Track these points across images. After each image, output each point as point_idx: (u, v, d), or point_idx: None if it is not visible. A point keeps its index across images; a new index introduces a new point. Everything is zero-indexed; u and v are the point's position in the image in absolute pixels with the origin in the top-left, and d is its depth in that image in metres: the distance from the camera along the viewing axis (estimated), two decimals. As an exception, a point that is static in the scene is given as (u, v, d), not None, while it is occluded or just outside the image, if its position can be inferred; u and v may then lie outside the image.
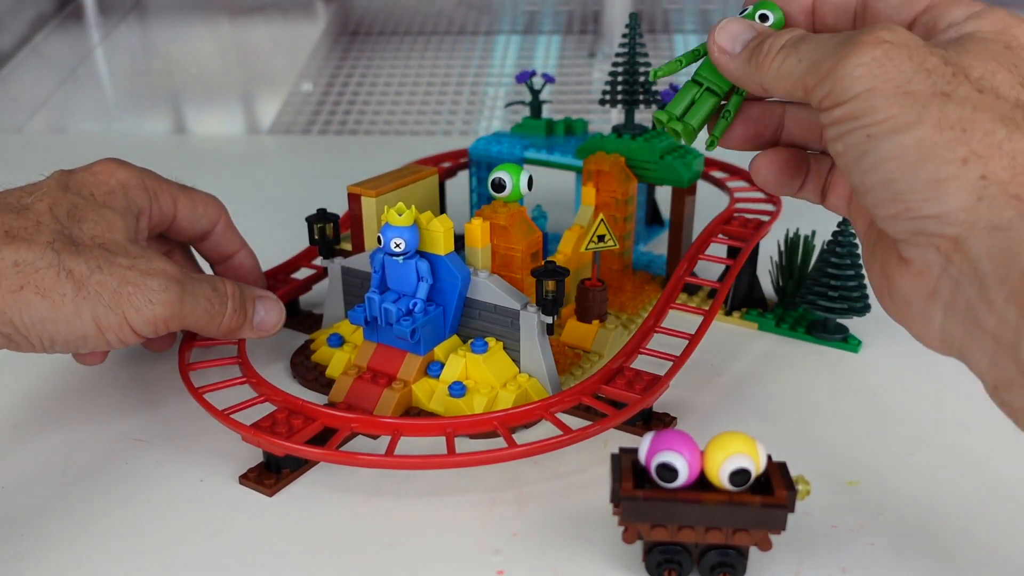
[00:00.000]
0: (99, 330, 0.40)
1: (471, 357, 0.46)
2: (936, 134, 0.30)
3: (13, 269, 0.38)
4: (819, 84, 0.32)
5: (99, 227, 0.42)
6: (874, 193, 0.32)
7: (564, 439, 0.40)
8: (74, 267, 0.39)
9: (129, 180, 0.45)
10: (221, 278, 0.46)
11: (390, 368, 0.47)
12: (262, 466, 0.42)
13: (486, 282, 0.46)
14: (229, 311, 0.45)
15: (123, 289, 0.40)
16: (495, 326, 0.47)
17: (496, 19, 1.29)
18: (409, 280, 0.46)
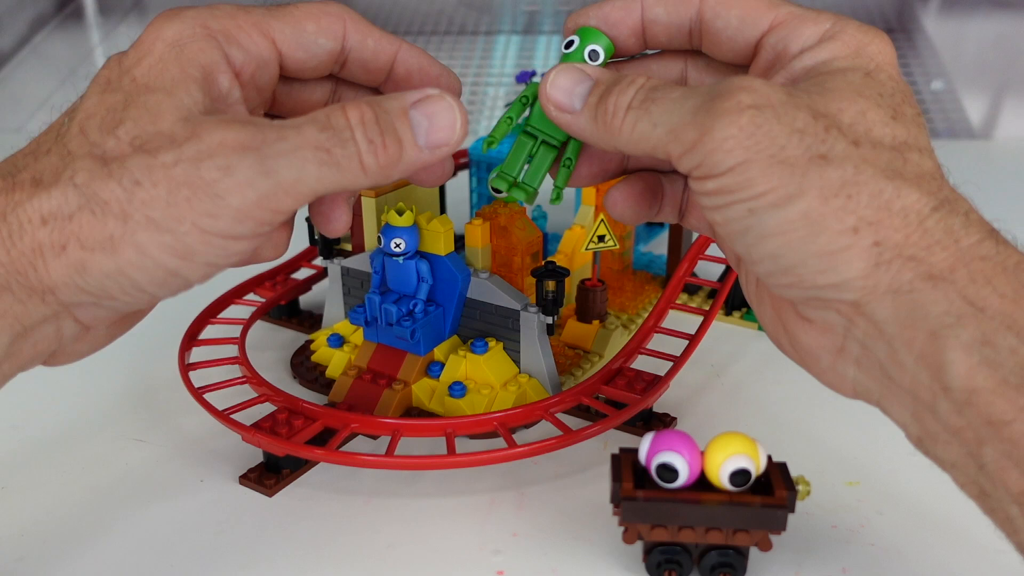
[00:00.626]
0: (182, 257, 0.29)
1: (471, 357, 0.46)
2: (821, 204, 0.28)
3: (44, 229, 0.28)
4: (685, 156, 0.29)
5: (139, 123, 0.29)
6: (763, 265, 0.30)
7: (564, 439, 0.40)
8: (107, 196, 0.28)
9: (182, 34, 0.31)
10: (340, 105, 0.30)
11: (390, 368, 0.47)
12: (262, 466, 0.42)
13: (486, 282, 0.46)
14: (363, 145, 0.30)
15: (176, 198, 0.28)
16: (495, 326, 0.47)
17: (496, 19, 1.29)
18: (409, 280, 0.46)
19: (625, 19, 0.34)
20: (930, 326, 0.28)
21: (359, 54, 0.35)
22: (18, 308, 0.29)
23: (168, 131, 0.29)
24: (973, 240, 0.29)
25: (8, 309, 0.29)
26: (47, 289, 0.29)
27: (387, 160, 0.30)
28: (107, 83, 0.31)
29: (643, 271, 0.62)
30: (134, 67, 0.31)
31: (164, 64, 0.31)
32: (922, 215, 0.29)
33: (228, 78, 0.32)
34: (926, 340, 0.28)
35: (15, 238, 0.29)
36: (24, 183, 0.29)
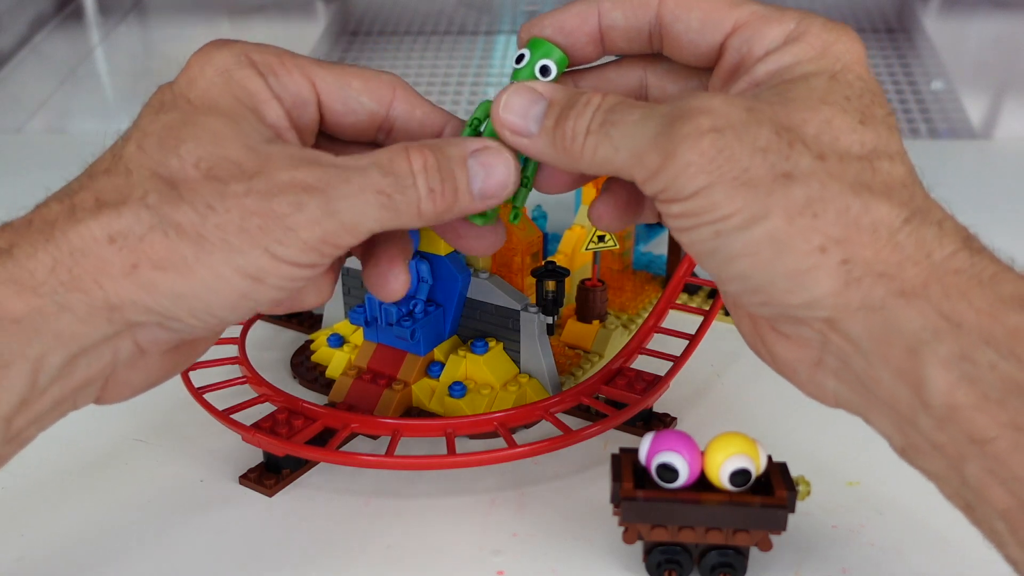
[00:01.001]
0: (254, 281, 0.29)
1: (471, 357, 0.46)
2: (787, 224, 0.28)
3: (111, 248, 0.28)
4: (649, 181, 0.29)
5: (203, 146, 0.29)
6: (733, 284, 0.30)
7: (564, 439, 0.40)
8: (180, 219, 0.28)
9: (228, 61, 0.32)
10: (405, 148, 0.31)
11: (390, 368, 0.47)
12: (262, 466, 0.42)
13: (486, 282, 0.46)
14: (423, 192, 0.30)
15: (249, 225, 0.29)
16: (495, 326, 0.47)
17: (496, 19, 1.29)
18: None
19: (582, 26, 0.33)
20: (907, 342, 0.28)
21: (405, 124, 0.35)
22: (77, 327, 0.29)
23: (235, 159, 0.29)
24: (947, 252, 0.28)
25: (67, 328, 0.28)
26: (113, 307, 0.29)
27: (444, 207, 0.31)
28: (160, 105, 0.32)
29: (643, 271, 0.62)
30: (187, 91, 0.32)
31: (216, 90, 0.31)
32: (892, 228, 0.28)
33: (276, 108, 0.32)
34: (903, 356, 0.28)
35: (77, 257, 0.28)
36: (85, 203, 0.29)
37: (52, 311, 0.28)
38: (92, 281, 0.28)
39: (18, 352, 0.28)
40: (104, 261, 0.28)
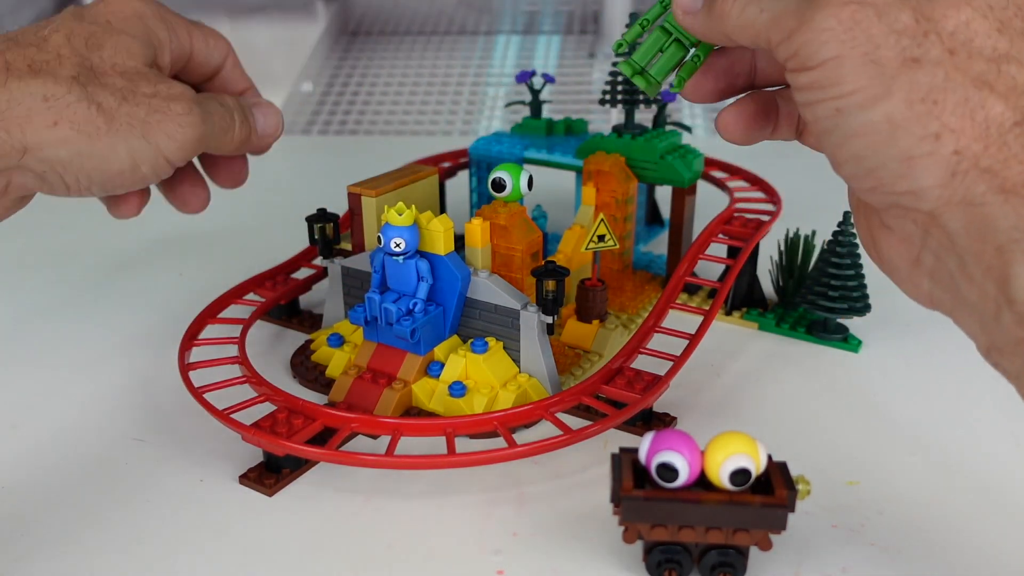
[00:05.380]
0: (134, 163, 0.38)
1: (471, 357, 0.46)
2: (907, 108, 0.29)
3: (44, 104, 0.36)
4: (783, 43, 0.31)
5: (119, 54, 0.39)
6: (847, 166, 0.31)
7: (564, 439, 0.40)
8: (102, 100, 0.37)
9: (145, 9, 0.42)
10: (218, 93, 0.44)
11: (390, 368, 0.47)
12: (262, 466, 0.42)
13: (486, 282, 0.46)
14: (238, 123, 0.43)
15: (151, 118, 0.38)
16: (495, 326, 0.47)
17: (496, 19, 1.29)
18: (409, 280, 0.46)
19: None
20: (998, 240, 0.29)
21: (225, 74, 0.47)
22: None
23: (142, 71, 0.39)
24: None
25: None
26: (25, 150, 0.36)
27: (244, 135, 0.43)
28: (80, 16, 0.40)
29: (643, 271, 0.62)
30: (107, 15, 0.41)
31: (132, 23, 0.41)
32: (1003, 128, 0.29)
33: (167, 55, 0.43)
34: (994, 255, 0.29)
35: (13, 104, 0.36)
36: (18, 64, 0.37)
37: None
38: (16, 126, 0.36)
39: None
40: (33, 112, 0.36)
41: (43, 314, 0.60)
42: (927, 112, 0.29)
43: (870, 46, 0.30)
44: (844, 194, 0.36)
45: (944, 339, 0.53)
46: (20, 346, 0.56)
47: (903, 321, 0.55)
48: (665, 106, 0.60)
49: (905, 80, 0.29)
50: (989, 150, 0.29)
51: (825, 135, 0.31)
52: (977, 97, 0.30)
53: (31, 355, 0.54)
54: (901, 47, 0.30)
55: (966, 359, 0.51)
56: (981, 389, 0.49)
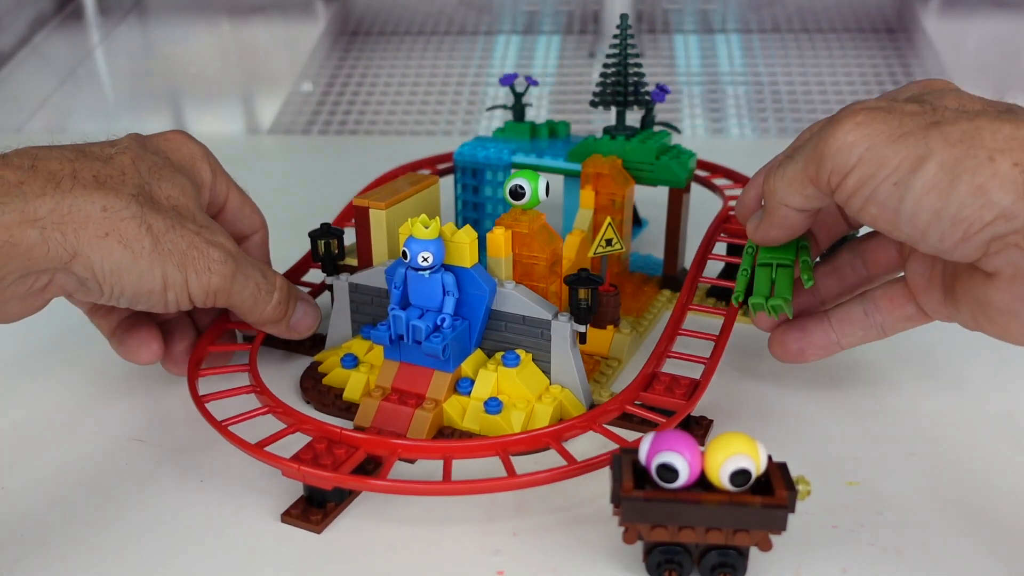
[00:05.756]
0: (164, 287, 0.41)
1: (503, 371, 0.45)
2: (950, 151, 0.32)
3: (102, 214, 0.39)
4: (820, 169, 0.34)
5: (175, 189, 0.43)
6: (932, 230, 0.33)
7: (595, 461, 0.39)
8: (153, 222, 0.40)
9: (197, 152, 0.47)
10: (271, 269, 0.47)
11: (417, 387, 0.45)
12: (303, 501, 0.40)
13: (514, 293, 0.45)
14: (274, 301, 0.45)
15: (190, 252, 0.41)
16: (524, 337, 0.46)
17: (496, 19, 1.29)
18: (434, 295, 0.44)
19: None
20: None
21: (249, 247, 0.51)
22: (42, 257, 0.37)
23: (192, 210, 0.43)
24: None
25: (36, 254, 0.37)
26: (74, 254, 0.38)
27: (276, 317, 0.46)
28: (143, 144, 0.44)
29: (638, 272, 0.62)
30: (167, 150, 0.45)
31: (186, 163, 0.46)
32: None
33: (207, 196, 0.47)
34: None
35: (74, 210, 0.38)
36: (85, 175, 0.40)
37: (37, 241, 0.37)
38: (72, 230, 0.38)
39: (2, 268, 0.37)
40: (89, 220, 0.38)
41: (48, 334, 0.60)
42: (969, 147, 0.32)
43: (893, 129, 0.33)
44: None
45: (943, 339, 0.53)
46: (23, 355, 0.56)
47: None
48: (653, 106, 0.59)
49: (937, 135, 0.32)
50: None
51: (896, 215, 0.33)
52: (1008, 126, 0.32)
53: (32, 355, 0.54)
54: (918, 120, 0.33)
55: (966, 359, 0.52)
56: (981, 388, 0.49)
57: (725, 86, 1.12)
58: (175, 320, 0.48)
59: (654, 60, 1.18)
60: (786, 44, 1.20)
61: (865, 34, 1.20)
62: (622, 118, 0.58)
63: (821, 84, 1.09)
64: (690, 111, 1.09)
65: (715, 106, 1.08)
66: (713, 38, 1.24)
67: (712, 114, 1.07)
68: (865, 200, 0.34)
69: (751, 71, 1.15)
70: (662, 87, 0.59)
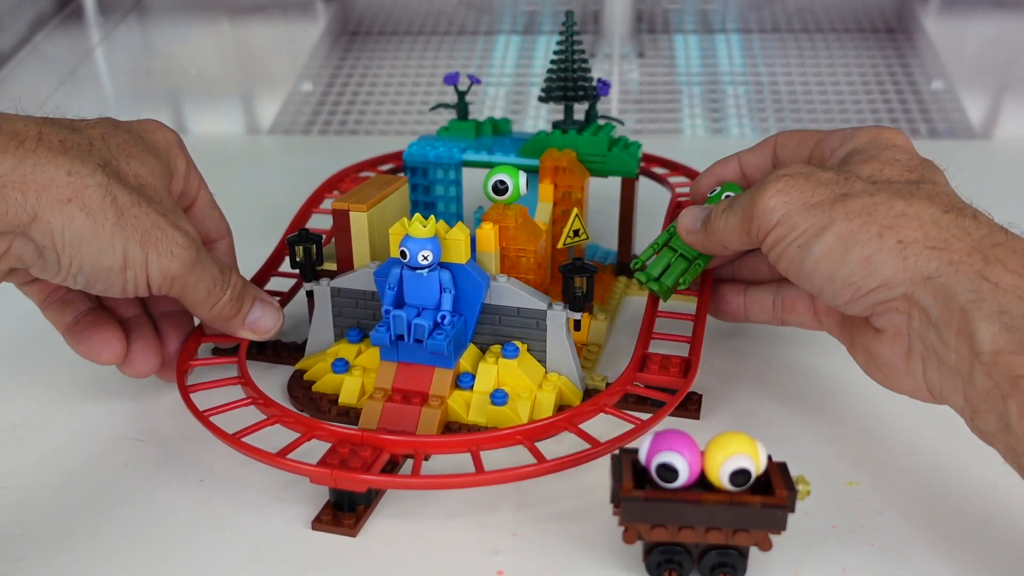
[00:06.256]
0: (124, 265, 0.39)
1: (504, 363, 0.45)
2: (848, 223, 0.37)
3: (66, 178, 0.37)
4: (750, 225, 0.40)
5: (143, 168, 0.42)
6: (826, 289, 0.38)
7: (641, 427, 0.41)
8: (119, 195, 0.39)
9: (172, 139, 0.46)
10: (232, 268, 0.46)
11: (419, 386, 0.45)
12: (330, 506, 0.40)
13: (507, 286, 0.45)
14: (226, 298, 0.44)
15: (153, 232, 0.40)
16: (518, 329, 0.46)
17: (496, 19, 1.29)
18: (431, 293, 0.44)
19: (728, 169, 0.50)
20: (959, 303, 0.34)
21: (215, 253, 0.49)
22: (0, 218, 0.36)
23: (159, 190, 0.42)
24: (983, 232, 0.36)
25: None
26: (33, 218, 0.37)
27: (226, 314, 0.45)
28: (116, 124, 0.43)
29: (595, 261, 0.63)
30: (140, 130, 0.44)
31: (159, 147, 0.44)
32: (935, 217, 0.36)
33: (179, 185, 0.46)
34: (959, 317, 0.34)
35: (37, 171, 0.37)
36: (51, 139, 0.38)
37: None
38: (33, 192, 0.36)
39: None
40: (52, 183, 0.37)
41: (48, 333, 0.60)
42: (865, 221, 0.37)
43: (806, 197, 0.38)
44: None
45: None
46: (23, 354, 0.56)
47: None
48: (597, 100, 0.60)
49: (841, 208, 0.37)
50: (929, 234, 0.36)
51: (798, 271, 0.39)
52: (902, 203, 0.37)
53: (32, 356, 0.54)
54: (830, 191, 0.38)
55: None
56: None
57: (725, 86, 1.12)
58: (135, 319, 0.47)
59: (654, 60, 1.18)
60: (786, 44, 1.20)
61: (865, 34, 1.20)
62: (570, 112, 0.60)
63: (821, 84, 1.09)
64: (690, 111, 1.08)
65: (715, 106, 1.08)
66: (713, 38, 1.24)
67: (712, 114, 1.07)
68: (778, 256, 0.39)
69: (751, 71, 1.15)
70: (603, 81, 0.61)
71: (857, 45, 1.18)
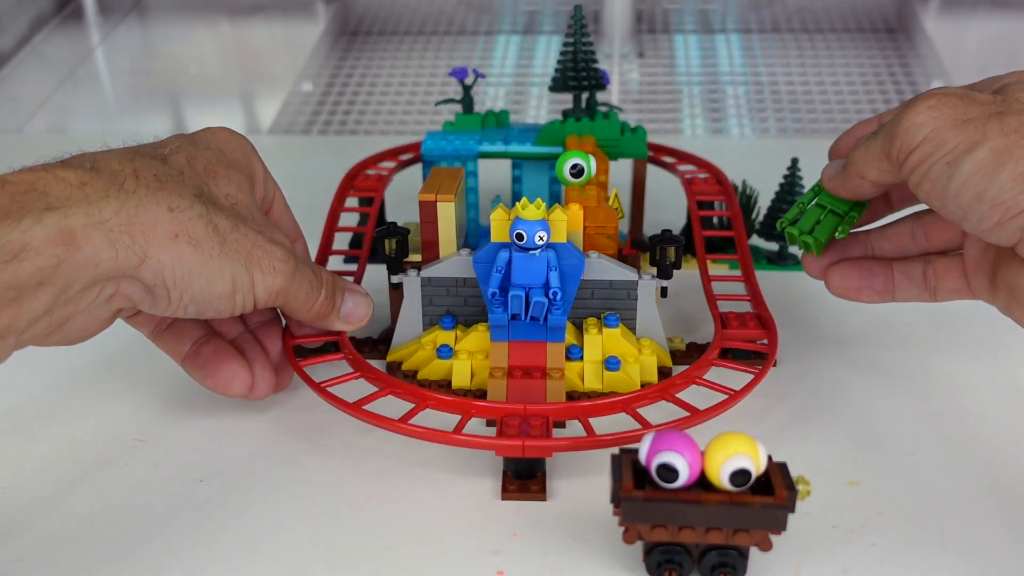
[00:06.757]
0: (233, 290, 0.39)
1: (608, 332, 0.48)
2: (1003, 140, 0.35)
3: (168, 215, 0.36)
4: (892, 145, 0.38)
5: (231, 186, 0.41)
6: (973, 211, 0.36)
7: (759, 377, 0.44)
8: (219, 222, 0.38)
9: (248, 145, 0.45)
10: (318, 265, 0.46)
11: (535, 361, 0.47)
12: (508, 476, 0.42)
13: (599, 261, 0.48)
14: (322, 297, 0.44)
15: (255, 252, 0.39)
16: (609, 301, 0.49)
17: (496, 19, 1.29)
18: (539, 272, 0.46)
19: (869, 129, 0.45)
20: None
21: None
22: (109, 262, 0.34)
23: (249, 206, 0.42)
24: None
25: (104, 260, 0.34)
26: (143, 258, 0.36)
27: (324, 312, 0.44)
28: (193, 141, 0.42)
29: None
30: (216, 142, 0.43)
31: (239, 156, 0.44)
32: None
33: (260, 192, 0.45)
34: None
35: (141, 211, 0.36)
36: (146, 174, 0.37)
37: (104, 244, 0.34)
38: (141, 232, 0.35)
39: (62, 275, 0.33)
40: (157, 221, 0.36)
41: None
42: (1021, 137, 0.35)
43: (959, 114, 0.36)
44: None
45: (942, 339, 0.53)
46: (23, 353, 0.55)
47: (902, 322, 0.55)
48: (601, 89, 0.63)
49: (995, 124, 0.36)
50: None
51: (943, 192, 0.37)
52: None
53: (33, 356, 0.54)
54: (985, 109, 0.36)
55: (967, 361, 0.52)
56: (982, 387, 0.49)
57: (725, 86, 1.12)
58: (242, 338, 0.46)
59: (654, 60, 1.18)
60: (786, 44, 1.20)
61: (865, 34, 1.20)
62: (579, 101, 0.61)
63: (821, 84, 1.09)
64: (690, 111, 1.08)
65: (715, 106, 1.08)
66: (713, 38, 1.24)
67: (712, 114, 1.07)
68: (921, 177, 0.37)
69: (751, 71, 1.15)
70: (603, 72, 0.62)
71: (857, 45, 1.18)
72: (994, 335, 0.53)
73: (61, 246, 0.33)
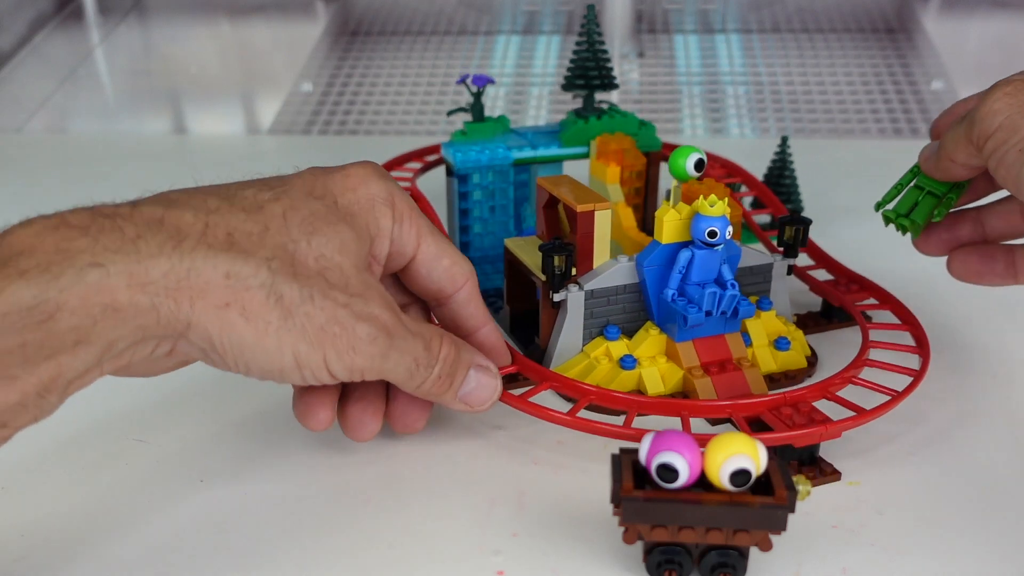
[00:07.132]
0: (296, 365, 0.35)
1: (765, 315, 0.50)
2: None
3: (224, 281, 0.33)
4: (972, 130, 0.39)
5: (329, 246, 0.36)
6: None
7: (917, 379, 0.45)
8: (285, 292, 0.34)
9: (379, 194, 0.39)
10: (442, 335, 0.40)
11: (722, 354, 0.48)
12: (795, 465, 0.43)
13: (743, 248, 0.50)
14: (433, 376, 0.39)
15: (329, 328, 0.35)
16: (750, 285, 0.51)
17: (496, 19, 1.29)
18: (714, 268, 0.47)
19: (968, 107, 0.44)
20: None
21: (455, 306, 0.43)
22: (154, 326, 0.32)
23: (346, 272, 0.36)
24: None
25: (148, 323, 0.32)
26: (189, 325, 0.33)
27: (436, 391, 0.40)
28: (313, 188, 0.38)
29: None
30: (338, 193, 0.38)
31: (359, 208, 0.38)
32: None
33: (386, 247, 0.40)
34: None
35: (192, 275, 0.33)
36: (217, 231, 0.34)
37: (146, 307, 0.32)
38: (187, 298, 0.33)
39: (101, 334, 0.31)
40: (209, 288, 0.33)
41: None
42: None
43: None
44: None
45: (943, 339, 0.53)
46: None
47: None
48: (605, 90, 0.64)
49: None
50: None
51: (1019, 179, 0.38)
52: None
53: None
54: None
55: (967, 362, 0.52)
56: (982, 387, 0.49)
57: (725, 86, 1.12)
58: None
59: (654, 60, 1.18)
60: (786, 44, 1.20)
61: (865, 34, 1.20)
62: (591, 100, 0.62)
63: (821, 84, 1.09)
64: (690, 111, 1.08)
65: (715, 106, 1.08)
66: (713, 38, 1.24)
67: (712, 114, 1.07)
68: (998, 162, 0.38)
69: (751, 71, 1.15)
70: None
71: (857, 45, 1.18)
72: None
73: (99, 307, 0.31)
